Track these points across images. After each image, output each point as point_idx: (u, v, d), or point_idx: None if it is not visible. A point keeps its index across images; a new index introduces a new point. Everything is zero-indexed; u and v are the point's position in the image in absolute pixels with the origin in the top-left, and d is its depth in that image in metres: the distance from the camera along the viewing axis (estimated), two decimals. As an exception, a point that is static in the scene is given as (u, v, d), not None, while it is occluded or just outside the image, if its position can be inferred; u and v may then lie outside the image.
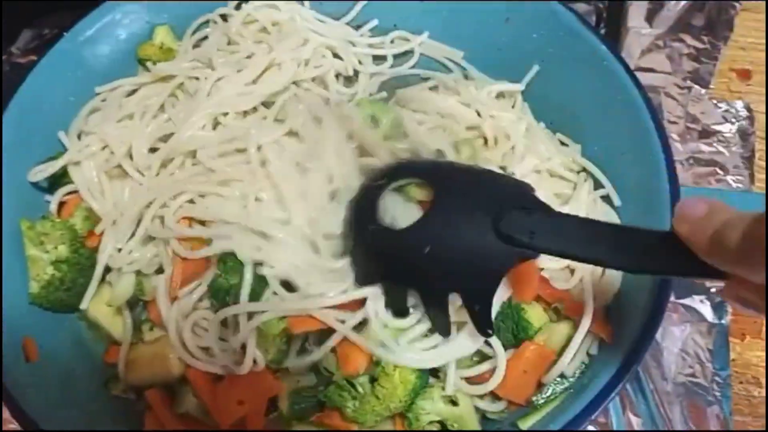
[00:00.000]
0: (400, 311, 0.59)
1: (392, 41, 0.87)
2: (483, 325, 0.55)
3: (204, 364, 0.63)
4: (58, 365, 0.65)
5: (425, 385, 0.59)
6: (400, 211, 0.59)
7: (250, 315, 0.61)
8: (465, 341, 0.59)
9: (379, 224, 0.58)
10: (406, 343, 0.59)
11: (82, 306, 0.68)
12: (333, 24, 0.86)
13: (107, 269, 0.69)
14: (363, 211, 0.60)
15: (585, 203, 0.69)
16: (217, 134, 0.71)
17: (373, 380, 0.58)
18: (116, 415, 0.65)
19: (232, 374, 0.62)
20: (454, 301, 0.57)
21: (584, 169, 0.74)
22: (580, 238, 0.51)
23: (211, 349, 0.63)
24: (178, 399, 0.64)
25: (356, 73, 0.83)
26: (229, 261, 0.62)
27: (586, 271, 0.65)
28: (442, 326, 0.58)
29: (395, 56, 0.86)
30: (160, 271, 0.68)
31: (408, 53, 0.86)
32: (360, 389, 0.58)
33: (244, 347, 0.61)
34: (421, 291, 0.57)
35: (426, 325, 0.60)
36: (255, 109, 0.75)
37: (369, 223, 0.58)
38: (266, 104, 0.76)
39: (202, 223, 0.65)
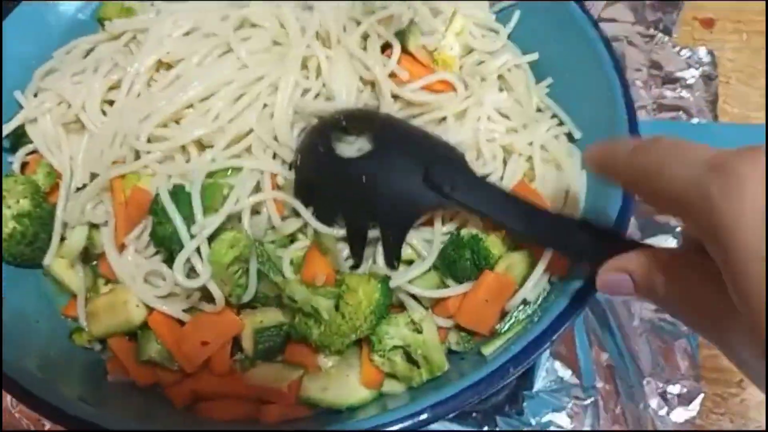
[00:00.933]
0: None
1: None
2: (391, 258, 0.62)
3: (165, 309, 0.62)
4: (22, 318, 0.65)
5: (388, 302, 0.59)
6: (349, 150, 0.64)
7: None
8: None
9: (330, 149, 0.61)
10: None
11: (45, 261, 0.68)
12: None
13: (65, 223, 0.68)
14: (317, 135, 0.64)
15: (541, 134, 0.69)
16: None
17: (336, 307, 0.58)
18: (81, 364, 0.65)
19: (195, 316, 0.62)
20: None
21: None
22: (491, 201, 0.59)
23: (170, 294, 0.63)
24: (140, 345, 0.63)
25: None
26: (158, 206, 0.61)
27: (546, 201, 0.65)
28: (356, 249, 0.63)
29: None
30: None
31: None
32: (325, 314, 0.58)
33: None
34: (349, 216, 0.62)
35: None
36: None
37: (320, 145, 0.62)
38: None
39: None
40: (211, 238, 0.60)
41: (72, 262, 0.68)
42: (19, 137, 0.73)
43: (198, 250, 0.59)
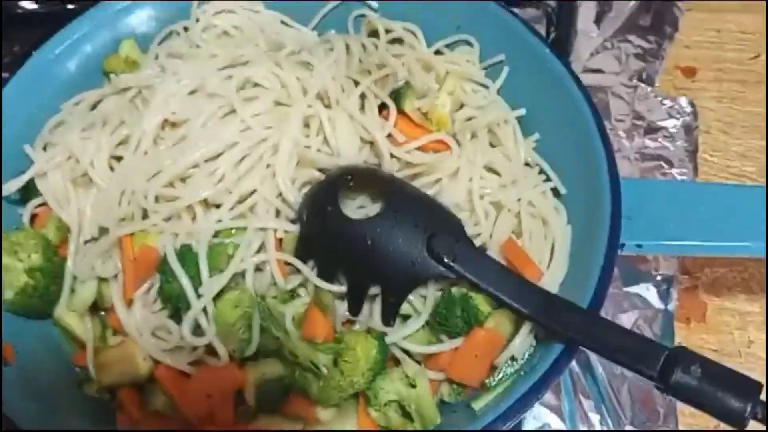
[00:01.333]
0: None
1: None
2: (388, 316, 0.65)
3: (171, 362, 0.66)
4: (33, 368, 0.68)
5: (384, 359, 0.63)
6: (351, 206, 0.69)
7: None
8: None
9: (338, 208, 0.66)
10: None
11: (56, 313, 0.71)
12: (297, 29, 0.90)
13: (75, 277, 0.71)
14: (325, 193, 0.68)
15: (529, 190, 0.73)
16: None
17: (335, 362, 0.62)
18: (91, 414, 0.68)
19: (199, 370, 0.65)
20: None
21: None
22: (489, 275, 0.63)
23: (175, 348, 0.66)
24: (148, 397, 0.67)
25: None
26: (166, 265, 0.65)
27: (533, 256, 0.69)
28: (354, 304, 0.66)
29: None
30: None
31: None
32: (324, 370, 0.61)
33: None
34: (351, 274, 0.66)
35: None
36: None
37: (328, 204, 0.66)
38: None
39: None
40: (216, 296, 0.64)
41: (81, 314, 0.71)
42: (29, 190, 0.76)
43: (204, 308, 0.63)
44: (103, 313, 0.72)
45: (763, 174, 0.93)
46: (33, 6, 0.94)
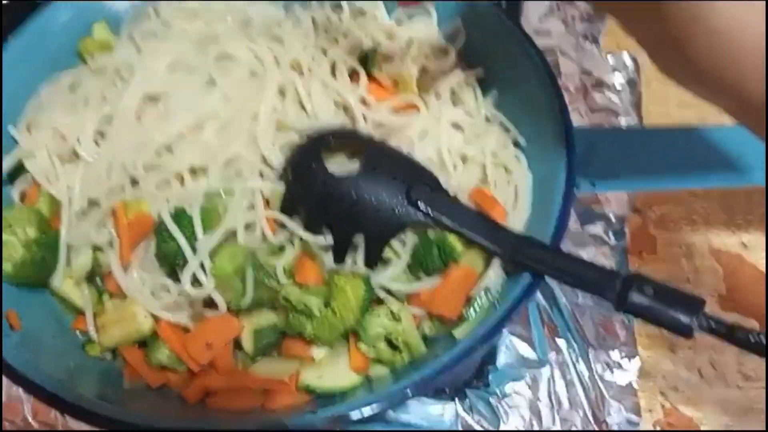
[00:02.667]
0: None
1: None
2: (371, 260, 0.71)
3: (171, 318, 0.71)
4: (39, 334, 0.72)
5: (371, 298, 0.69)
6: (331, 164, 0.74)
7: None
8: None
9: (322, 165, 0.71)
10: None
11: (54, 283, 0.75)
12: (265, 6, 0.93)
13: (70, 247, 0.75)
14: (308, 153, 0.73)
15: (491, 143, 0.80)
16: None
17: (326, 304, 0.67)
18: (98, 371, 0.72)
19: (199, 322, 0.70)
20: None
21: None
22: (463, 219, 0.70)
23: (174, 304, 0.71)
24: (151, 352, 0.71)
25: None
26: (162, 228, 0.69)
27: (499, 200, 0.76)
28: (339, 253, 0.72)
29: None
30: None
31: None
32: (316, 311, 0.67)
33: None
34: (336, 224, 0.71)
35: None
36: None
37: (312, 162, 0.72)
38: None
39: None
40: (211, 254, 0.69)
41: (78, 282, 0.75)
42: (17, 169, 0.79)
43: (201, 263, 0.68)
44: (98, 280, 0.77)
45: (702, 120, 1.01)
46: (0, -5, 0.95)
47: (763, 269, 0.89)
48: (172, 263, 0.69)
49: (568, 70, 1.02)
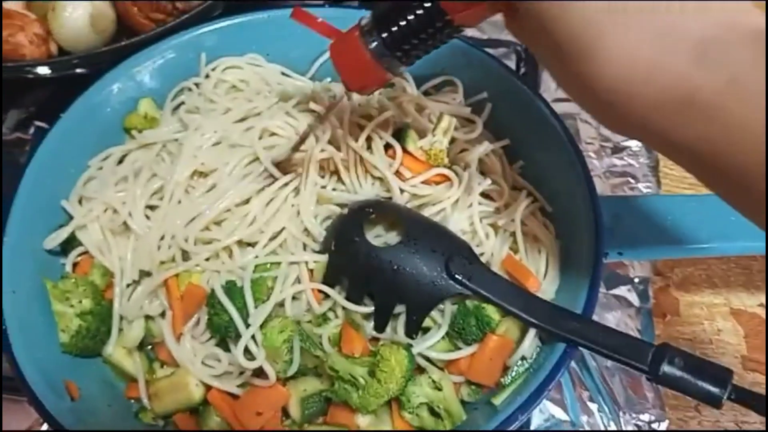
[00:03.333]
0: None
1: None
2: (411, 330, 0.74)
3: (222, 386, 0.74)
4: (94, 402, 0.75)
5: (413, 367, 0.72)
6: (370, 235, 0.78)
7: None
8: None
9: (364, 238, 0.75)
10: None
11: (106, 351, 0.78)
12: (298, 78, 0.99)
13: (122, 316, 0.79)
14: (350, 225, 0.77)
15: (520, 212, 0.83)
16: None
17: (370, 373, 0.70)
18: (150, 438, 0.76)
19: (248, 390, 0.73)
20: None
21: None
22: (499, 289, 0.73)
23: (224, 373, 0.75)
24: (202, 419, 0.74)
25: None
26: (214, 300, 0.73)
27: (530, 269, 0.79)
28: (380, 322, 0.75)
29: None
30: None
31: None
32: (361, 380, 0.70)
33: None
34: (377, 295, 0.75)
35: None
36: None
37: (354, 234, 0.75)
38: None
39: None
40: (261, 324, 0.72)
41: (130, 350, 0.79)
42: (69, 241, 0.83)
43: (253, 336, 0.71)
44: (149, 347, 0.80)
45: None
46: (47, 72, 1.01)
47: (784, 330, 0.92)
48: (223, 334, 0.73)
49: (588, 136, 1.07)
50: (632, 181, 1.03)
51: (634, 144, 1.06)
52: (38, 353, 0.74)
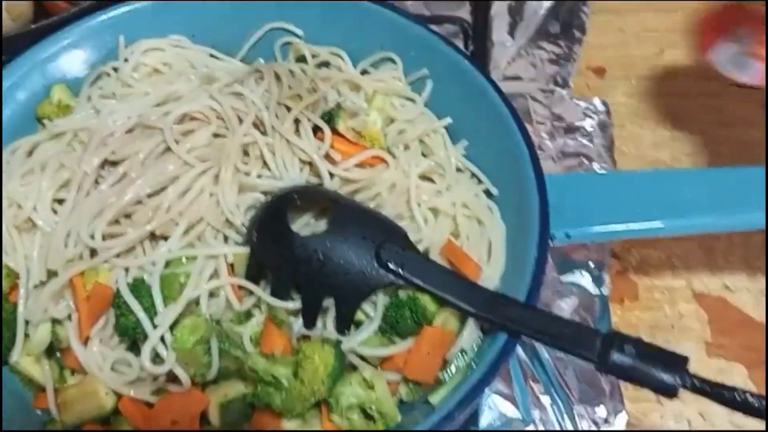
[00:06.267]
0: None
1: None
2: (342, 325, 0.69)
3: (134, 393, 0.67)
4: (-4, 416, 0.68)
5: (342, 366, 0.66)
6: (297, 224, 0.72)
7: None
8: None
9: (287, 227, 0.69)
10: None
11: (11, 359, 0.71)
12: (228, 61, 0.92)
13: (28, 321, 0.72)
14: (273, 213, 0.71)
15: (462, 194, 0.78)
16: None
17: (295, 374, 0.64)
18: (58, 454, 0.68)
19: (162, 398, 0.66)
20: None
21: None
22: (436, 279, 0.68)
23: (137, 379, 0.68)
24: (114, 430, 0.68)
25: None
26: (120, 300, 0.66)
27: (471, 255, 0.73)
28: (308, 318, 0.69)
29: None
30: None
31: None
32: (285, 382, 0.63)
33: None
34: (305, 290, 0.69)
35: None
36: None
37: (277, 224, 0.69)
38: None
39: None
40: (172, 324, 0.65)
41: (38, 358, 0.72)
42: (-28, 240, 0.76)
43: (162, 337, 0.65)
44: (58, 354, 0.73)
45: (676, 159, 1.00)
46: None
47: (748, 312, 0.86)
48: (132, 337, 0.66)
49: (539, 116, 1.01)
50: (586, 162, 0.98)
51: (588, 124, 1.01)
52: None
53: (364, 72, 0.91)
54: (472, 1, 1.13)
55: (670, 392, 0.57)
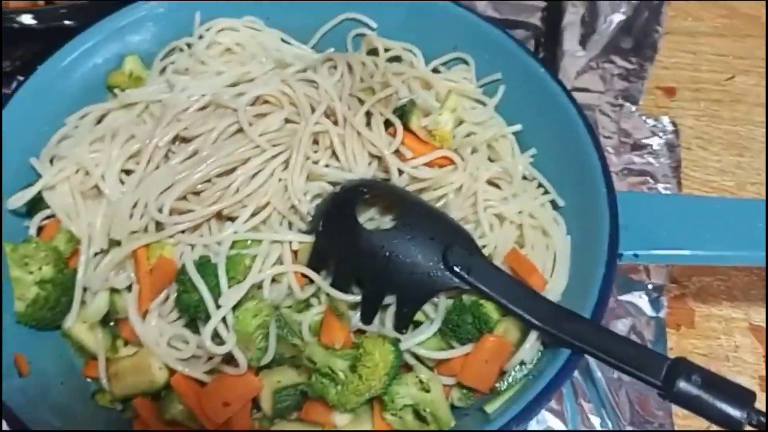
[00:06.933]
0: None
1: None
2: (401, 324, 0.68)
3: (188, 371, 0.67)
4: (47, 379, 0.68)
5: (399, 364, 0.65)
6: (363, 218, 0.71)
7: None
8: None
9: (355, 220, 0.68)
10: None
11: (66, 324, 0.71)
12: (298, 46, 0.92)
13: (86, 288, 0.72)
14: (341, 204, 0.70)
15: (529, 203, 0.77)
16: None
17: (352, 368, 0.63)
18: (105, 423, 0.68)
19: (217, 378, 0.66)
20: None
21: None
22: (501, 285, 0.66)
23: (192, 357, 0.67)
24: (164, 406, 0.67)
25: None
26: (184, 276, 0.66)
27: (536, 265, 0.72)
28: (368, 313, 0.69)
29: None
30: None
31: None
32: (341, 375, 0.63)
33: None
34: (367, 284, 0.68)
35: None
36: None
37: (345, 216, 0.68)
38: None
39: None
40: (234, 306, 0.65)
41: (92, 326, 0.72)
42: (35, 202, 0.76)
43: (224, 318, 0.64)
44: (112, 323, 0.73)
45: (741, 187, 0.98)
46: (31, 21, 0.93)
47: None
48: (192, 314, 0.66)
49: (606, 130, 0.99)
50: (651, 181, 0.96)
51: (656, 143, 0.99)
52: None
53: (435, 70, 0.90)
54: (546, 4, 1.11)
55: (735, 427, 0.56)
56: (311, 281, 0.69)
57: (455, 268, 0.66)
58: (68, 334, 0.72)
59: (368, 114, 0.78)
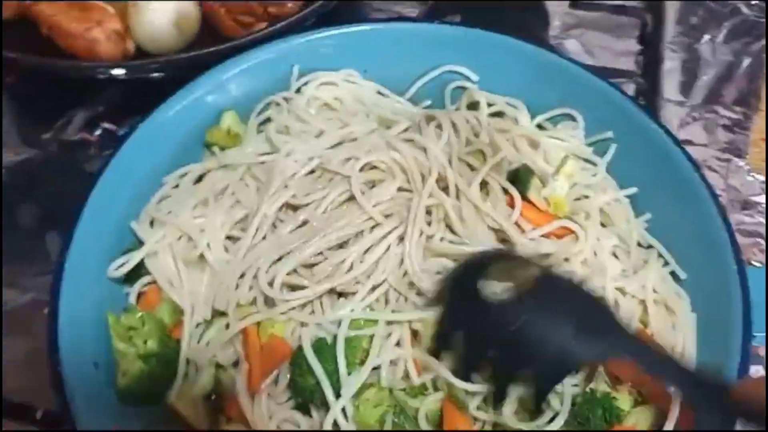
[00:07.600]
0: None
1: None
2: (538, 404, 0.62)
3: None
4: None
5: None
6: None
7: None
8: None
9: (477, 293, 0.62)
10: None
11: (170, 399, 0.68)
12: (396, 99, 0.89)
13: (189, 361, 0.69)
14: (466, 278, 0.64)
15: (652, 275, 0.72)
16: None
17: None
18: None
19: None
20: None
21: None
22: (652, 361, 0.59)
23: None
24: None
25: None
26: (300, 359, 0.63)
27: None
28: (498, 397, 0.62)
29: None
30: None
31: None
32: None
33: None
34: (496, 361, 0.62)
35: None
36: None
37: (468, 289, 0.63)
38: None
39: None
40: (352, 392, 0.62)
41: (195, 400, 0.69)
42: (135, 268, 0.74)
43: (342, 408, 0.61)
44: (213, 397, 0.70)
45: None
46: (122, 73, 0.92)
47: None
48: (307, 399, 0.63)
49: (715, 188, 0.93)
50: (762, 242, 0.90)
51: (764, 200, 0.93)
52: (92, 395, 0.65)
53: (539, 126, 0.86)
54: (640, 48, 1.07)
55: None
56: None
57: (595, 340, 0.59)
58: (171, 408, 0.69)
59: (484, 183, 0.74)
